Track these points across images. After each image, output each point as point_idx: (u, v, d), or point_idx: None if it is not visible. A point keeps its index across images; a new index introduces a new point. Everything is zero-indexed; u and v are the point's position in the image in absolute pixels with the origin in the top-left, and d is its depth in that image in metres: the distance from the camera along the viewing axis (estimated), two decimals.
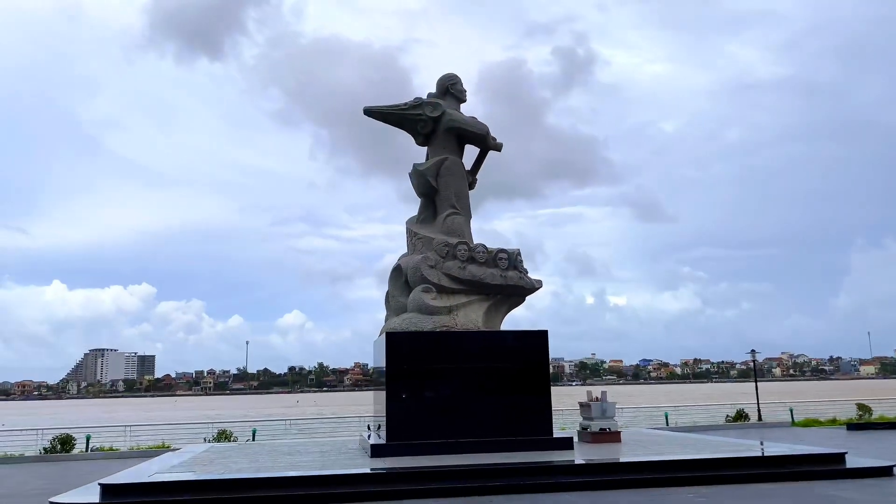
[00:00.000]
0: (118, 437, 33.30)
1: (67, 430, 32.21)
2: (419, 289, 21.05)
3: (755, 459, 16.88)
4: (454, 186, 22.58)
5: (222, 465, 17.87)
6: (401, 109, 23.07)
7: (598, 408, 22.06)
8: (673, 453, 17.85)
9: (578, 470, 16.68)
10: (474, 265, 21.30)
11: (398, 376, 19.72)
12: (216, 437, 29.82)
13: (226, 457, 19.99)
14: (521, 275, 21.69)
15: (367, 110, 23.20)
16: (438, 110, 22.80)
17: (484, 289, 21.37)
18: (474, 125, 23.07)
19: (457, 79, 23.82)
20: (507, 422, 19.82)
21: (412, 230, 22.67)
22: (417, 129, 23.09)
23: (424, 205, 23.21)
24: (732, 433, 29.17)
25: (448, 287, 21.12)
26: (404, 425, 19.40)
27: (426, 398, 19.72)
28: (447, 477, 15.90)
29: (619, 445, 20.66)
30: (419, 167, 22.73)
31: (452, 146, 23.00)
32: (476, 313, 21.11)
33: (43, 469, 23.87)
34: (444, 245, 21.43)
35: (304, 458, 19.01)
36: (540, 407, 20.23)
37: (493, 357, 20.30)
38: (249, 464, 18.00)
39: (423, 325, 20.41)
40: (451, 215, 22.28)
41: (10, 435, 32.82)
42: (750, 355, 54.62)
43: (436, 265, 21.25)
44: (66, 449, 28.20)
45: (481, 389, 20.00)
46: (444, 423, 19.48)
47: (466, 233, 22.28)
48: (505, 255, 21.61)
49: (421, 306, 20.78)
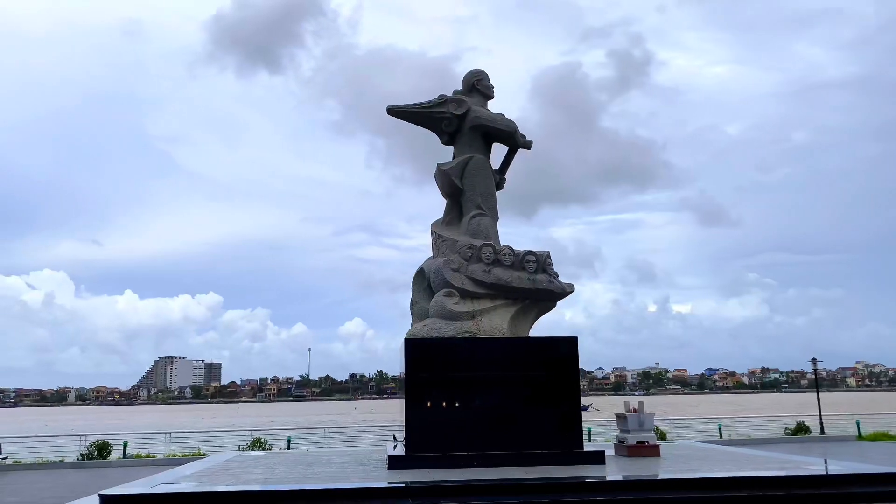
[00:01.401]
0: (159, 444, 33.36)
1: (109, 436, 32.54)
2: (441, 293, 20.11)
3: (798, 479, 15.26)
4: (480, 187, 21.58)
5: (234, 476, 17.28)
6: (424, 108, 22.22)
7: (634, 419, 20.67)
8: (710, 470, 16.40)
9: (607, 487, 15.44)
10: (500, 268, 20.23)
11: (417, 385, 18.81)
12: (250, 445, 29.47)
13: (243, 467, 19.42)
14: (551, 278, 20.52)
15: (390, 109, 22.44)
16: (463, 107, 21.87)
17: (510, 293, 20.28)
18: (501, 122, 22.05)
19: (483, 74, 22.86)
20: (534, 434, 18.65)
21: (436, 232, 21.77)
22: (442, 127, 22.18)
23: (450, 206, 22.29)
24: (789, 447, 27.24)
25: (472, 291, 20.11)
26: (424, 437, 18.46)
27: (447, 408, 18.73)
28: (464, 493, 14.87)
29: (657, 460, 19.25)
30: (443, 167, 21.82)
31: (478, 144, 22.02)
32: (501, 319, 20.03)
33: (73, 476, 23.86)
34: (468, 247, 20.45)
35: (320, 469, 18.28)
36: (569, 418, 19.00)
37: (519, 365, 19.18)
38: (263, 475, 17.36)
39: (445, 332, 19.45)
40: (477, 216, 21.29)
41: (55, 440, 33.27)
42: (816, 364, 51.85)
43: (459, 268, 20.28)
44: (103, 455, 28.27)
45: (506, 399, 18.90)
46: (467, 435, 18.46)
47: (493, 235, 21.24)
48: (533, 257, 20.48)
49: (443, 311, 19.83)
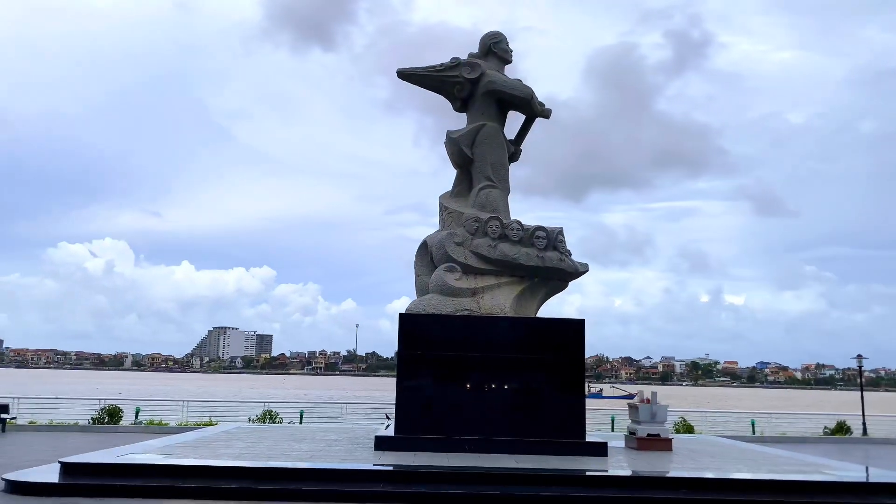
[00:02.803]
0: (175, 412, 33.18)
1: (130, 401, 32.58)
2: (442, 268, 18.98)
3: (819, 485, 13.70)
4: (491, 157, 20.27)
5: (212, 449, 16.58)
6: (437, 71, 20.89)
7: (646, 410, 19.26)
8: (716, 470, 14.98)
9: (606, 482, 14.21)
10: (507, 243, 18.96)
11: (410, 362, 17.81)
12: (260, 417, 28.99)
13: (230, 439, 18.78)
14: (563, 256, 19.18)
15: (400, 72, 21.19)
16: (476, 71, 20.50)
17: (517, 270, 19.01)
18: (516, 87, 20.63)
19: (501, 36, 21.40)
20: (533, 421, 17.48)
21: (443, 204, 20.56)
22: (454, 92, 20.88)
23: (459, 177, 21.01)
24: (824, 448, 25.37)
25: (475, 267, 18.93)
26: (415, 417, 17.49)
27: (441, 389, 17.68)
28: (440, 480, 13.83)
29: (666, 455, 17.86)
30: (452, 134, 20.55)
31: (492, 112, 20.66)
32: (505, 297, 18.78)
33: (74, 439, 23.67)
34: (473, 220, 19.24)
35: (305, 447, 17.50)
36: (572, 406, 17.76)
37: (520, 347, 17.98)
38: (242, 449, 16.65)
39: (443, 308, 18.34)
40: (486, 188, 20.02)
41: (76, 402, 33.42)
42: (867, 362, 49.17)
43: (463, 242, 19.11)
44: (114, 420, 28.16)
45: (504, 383, 17.76)
46: (460, 418, 17.41)
47: (501, 207, 19.95)
48: (543, 233, 19.14)
49: (443, 287, 18.71)
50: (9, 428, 26.14)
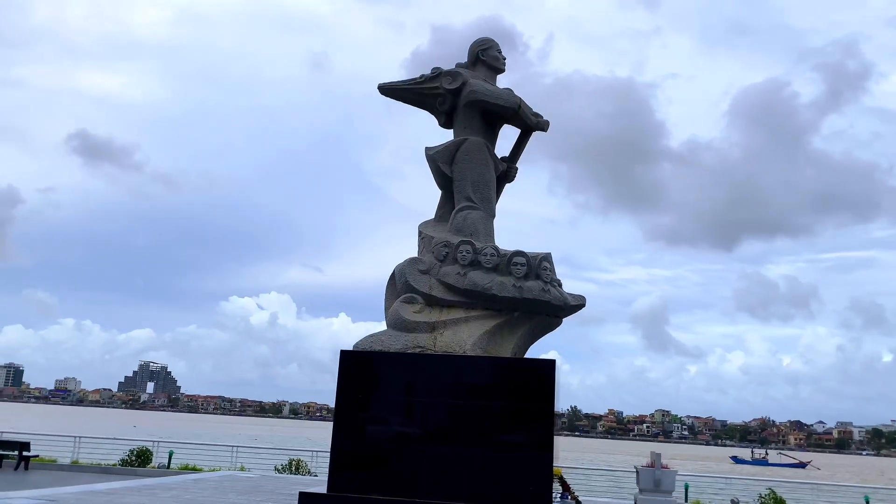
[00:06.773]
0: (223, 456, 32.41)
1: (178, 444, 32.23)
2: (400, 299, 16.54)
3: None
4: (472, 174, 17.74)
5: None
6: (417, 84, 18.83)
7: (648, 476, 15.53)
8: None
9: None
10: (478, 271, 16.18)
11: (349, 408, 15.41)
12: (286, 466, 27.43)
13: (176, 490, 17.16)
14: (546, 286, 16.05)
15: (381, 87, 19.34)
16: (458, 81, 18.19)
17: (490, 302, 16.15)
18: (501, 96, 18.08)
19: (491, 43, 19.05)
20: (488, 483, 14.43)
21: (420, 230, 18.23)
22: (437, 106, 18.71)
23: (443, 199, 18.62)
24: None
25: (440, 298, 16.33)
26: (350, 473, 14.99)
27: (383, 440, 15.11)
28: None
29: None
30: (430, 151, 18.30)
31: (476, 125, 18.19)
32: (469, 333, 15.92)
33: (72, 478, 23.14)
34: (443, 245, 16.73)
35: (219, 500, 15.48)
36: (536, 464, 14.53)
37: (477, 392, 15.12)
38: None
39: (392, 345, 15.84)
40: (465, 209, 17.46)
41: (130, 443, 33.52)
42: None
43: (429, 270, 16.63)
44: (143, 463, 27.67)
45: (457, 434, 14.89)
46: (403, 477, 14.71)
47: (481, 231, 17.25)
48: (523, 259, 16.19)
49: (397, 321, 16.25)
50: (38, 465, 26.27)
